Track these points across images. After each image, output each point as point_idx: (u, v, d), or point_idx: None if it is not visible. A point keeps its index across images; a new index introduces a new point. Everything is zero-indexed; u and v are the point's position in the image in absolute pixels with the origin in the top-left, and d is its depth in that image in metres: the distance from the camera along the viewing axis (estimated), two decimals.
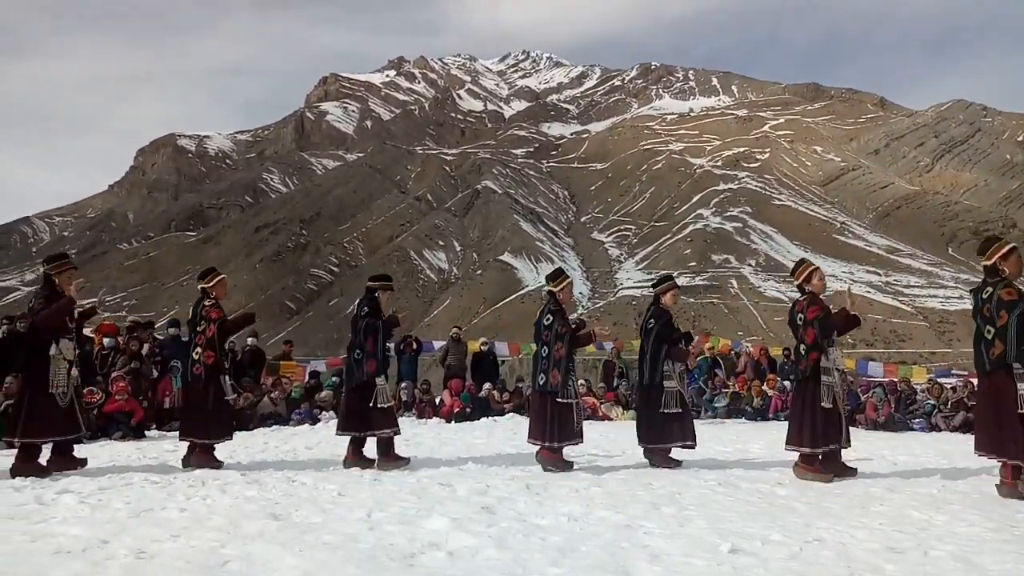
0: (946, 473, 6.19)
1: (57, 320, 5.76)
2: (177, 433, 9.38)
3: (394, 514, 4.24)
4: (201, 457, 6.14)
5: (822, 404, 5.74)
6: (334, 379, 12.65)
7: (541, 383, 6.26)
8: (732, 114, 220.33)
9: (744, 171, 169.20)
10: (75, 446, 6.15)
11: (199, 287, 6.55)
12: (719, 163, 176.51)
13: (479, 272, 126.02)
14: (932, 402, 11.94)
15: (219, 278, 6.57)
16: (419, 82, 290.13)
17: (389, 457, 6.25)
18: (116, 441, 8.53)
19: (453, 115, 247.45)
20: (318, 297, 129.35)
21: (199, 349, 6.30)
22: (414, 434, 9.35)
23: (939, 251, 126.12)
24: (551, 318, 6.29)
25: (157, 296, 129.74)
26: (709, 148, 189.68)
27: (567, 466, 6.16)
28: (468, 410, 11.92)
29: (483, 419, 11.61)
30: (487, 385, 12.82)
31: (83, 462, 5.96)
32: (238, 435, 9.45)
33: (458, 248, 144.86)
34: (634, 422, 12.25)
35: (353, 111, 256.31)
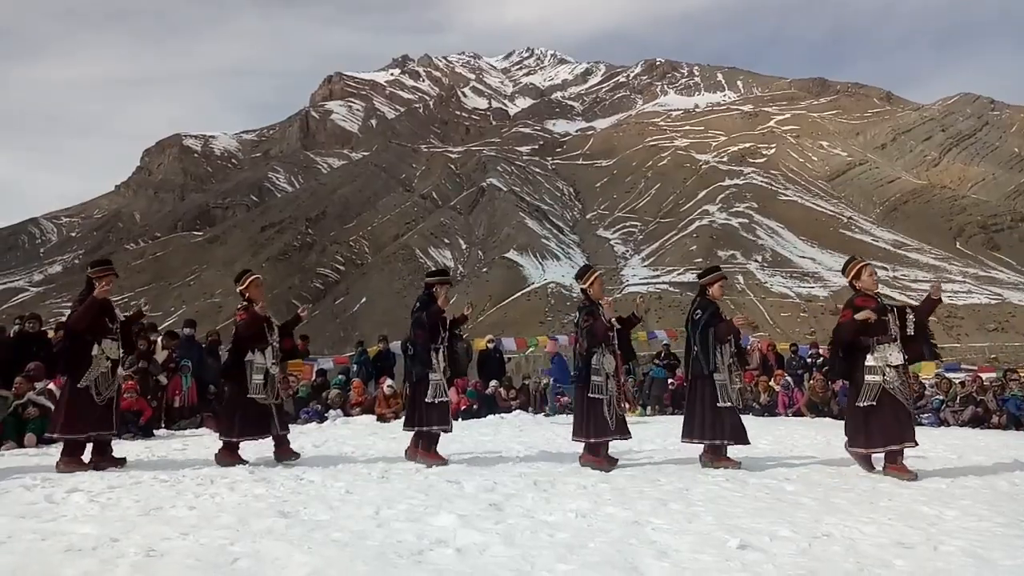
0: (955, 468, 6.17)
1: (86, 320, 5.89)
2: (187, 432, 9.45)
3: (402, 511, 4.24)
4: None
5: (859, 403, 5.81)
6: (340, 377, 12.68)
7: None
8: (737, 110, 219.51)
9: (750, 167, 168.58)
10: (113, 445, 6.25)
11: (237, 291, 6.59)
12: (725, 159, 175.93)
13: (485, 270, 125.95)
14: (940, 397, 11.89)
15: (250, 279, 6.58)
16: (423, 80, 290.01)
17: (430, 454, 6.31)
18: (125, 440, 8.56)
19: (458, 113, 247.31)
20: (324, 296, 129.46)
21: None
22: None
23: (947, 245, 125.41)
24: (576, 316, 6.37)
25: (164, 295, 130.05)
26: (715, 144, 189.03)
27: (606, 464, 6.08)
28: (475, 406, 11.94)
29: (490, 416, 11.63)
30: (494, 383, 12.84)
31: (122, 461, 6.07)
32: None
33: (464, 246, 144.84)
34: (642, 419, 12.28)
35: (358, 110, 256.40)
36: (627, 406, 6.43)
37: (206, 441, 8.40)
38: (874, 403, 5.68)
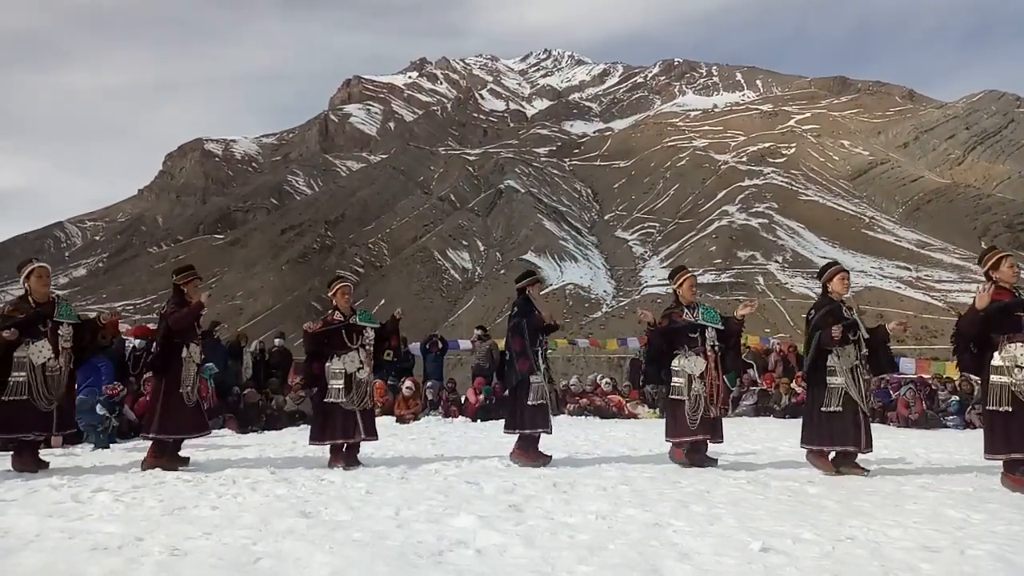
0: (982, 471, 6.07)
1: (188, 322, 6.17)
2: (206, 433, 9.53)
3: (422, 512, 4.26)
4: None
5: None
6: None
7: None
8: (757, 109, 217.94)
9: (770, 166, 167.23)
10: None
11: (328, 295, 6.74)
12: (744, 159, 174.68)
13: (503, 271, 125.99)
14: (956, 399, 11.70)
15: (339, 286, 6.66)
16: (441, 83, 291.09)
17: (528, 454, 6.34)
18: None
19: (475, 115, 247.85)
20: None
21: None
22: (440, 432, 9.39)
23: (972, 245, 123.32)
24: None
25: None
26: (734, 144, 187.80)
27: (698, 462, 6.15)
28: (489, 403, 11.95)
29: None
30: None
31: (186, 460, 6.19)
32: (268, 434, 9.59)
33: (481, 248, 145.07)
34: (661, 421, 12.20)
35: (376, 113, 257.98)
36: (718, 409, 6.30)
37: (228, 442, 8.49)
38: (1009, 408, 5.20)
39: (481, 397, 12.19)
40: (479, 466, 6.21)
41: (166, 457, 6.03)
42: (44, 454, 6.38)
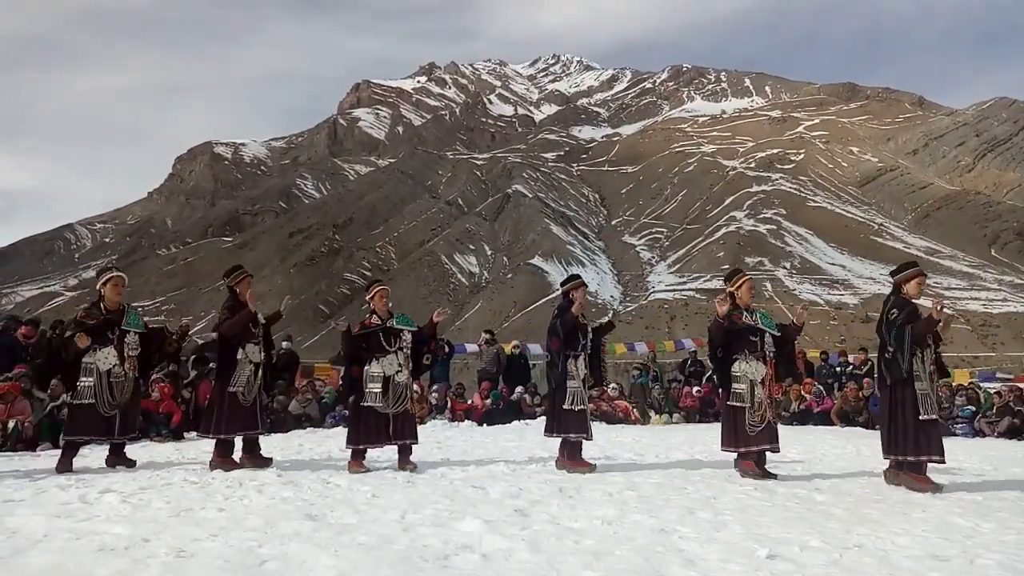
0: (992, 479, 6.02)
1: (238, 328, 6.23)
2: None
3: (428, 516, 4.25)
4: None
5: None
6: None
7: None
8: (766, 115, 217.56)
9: (778, 172, 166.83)
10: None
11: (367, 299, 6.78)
12: (752, 165, 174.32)
13: (510, 276, 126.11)
14: (971, 408, 11.61)
15: (377, 290, 6.67)
16: (450, 87, 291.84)
17: (575, 461, 6.29)
18: (156, 442, 8.70)
19: (483, 120, 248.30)
20: (351, 302, 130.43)
21: None
22: (446, 436, 9.38)
23: (981, 252, 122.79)
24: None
25: (195, 300, 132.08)
26: (742, 150, 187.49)
27: (759, 473, 5.89)
28: (495, 407, 11.95)
29: (515, 422, 11.61)
30: (519, 389, 12.83)
31: (269, 461, 6.27)
32: (274, 437, 9.60)
33: (489, 252, 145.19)
34: (667, 426, 12.18)
35: (385, 117, 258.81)
36: (773, 415, 6.12)
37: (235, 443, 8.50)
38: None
39: (488, 401, 12.19)
40: (485, 470, 6.20)
41: (229, 456, 6.16)
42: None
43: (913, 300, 5.84)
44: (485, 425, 11.28)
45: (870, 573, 3.26)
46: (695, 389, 13.72)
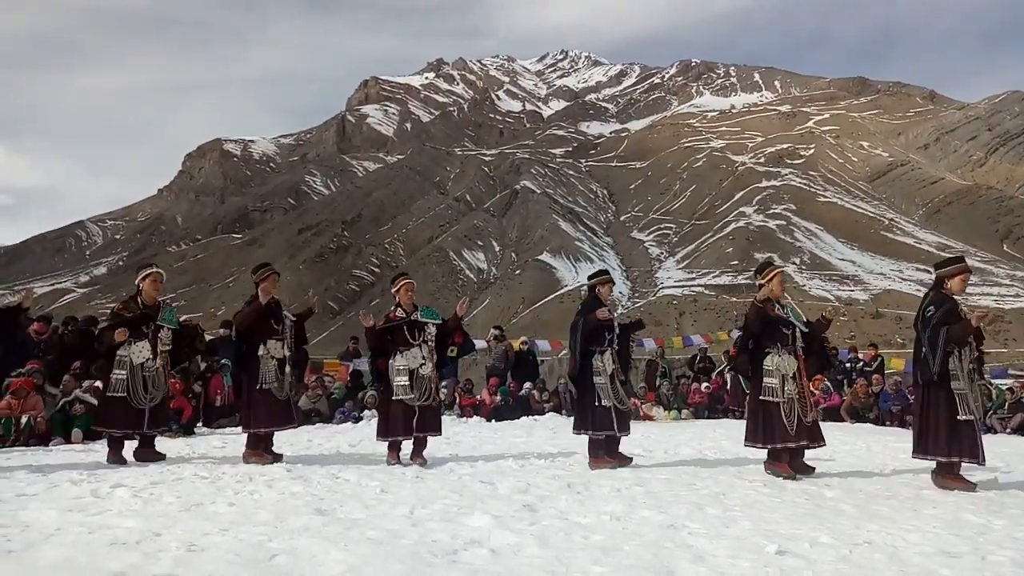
0: (1004, 476, 5.98)
1: (247, 322, 6.30)
2: (226, 430, 9.63)
3: (436, 511, 4.26)
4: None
5: None
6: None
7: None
8: (775, 110, 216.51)
9: (788, 168, 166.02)
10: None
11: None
12: (762, 160, 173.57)
13: (518, 272, 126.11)
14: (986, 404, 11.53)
15: (403, 283, 6.63)
16: (458, 84, 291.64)
17: (600, 459, 6.30)
18: (167, 438, 8.75)
19: (492, 116, 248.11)
20: (360, 298, 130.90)
21: None
22: (455, 432, 9.39)
23: (993, 247, 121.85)
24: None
25: (205, 296, 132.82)
26: (751, 145, 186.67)
27: (790, 472, 5.71)
28: (504, 403, 11.96)
29: (523, 418, 11.63)
30: (527, 385, 12.83)
31: (279, 457, 6.33)
32: (283, 432, 9.64)
33: (497, 248, 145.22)
34: (676, 423, 12.16)
35: (393, 113, 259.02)
36: (814, 412, 6.00)
37: (244, 439, 8.55)
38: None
39: (497, 398, 12.20)
40: (493, 466, 6.21)
41: (260, 450, 6.24)
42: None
43: (955, 296, 5.63)
44: (494, 421, 11.29)
45: (880, 569, 3.24)
46: (704, 385, 13.70)
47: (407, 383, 6.30)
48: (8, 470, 5.49)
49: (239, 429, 9.73)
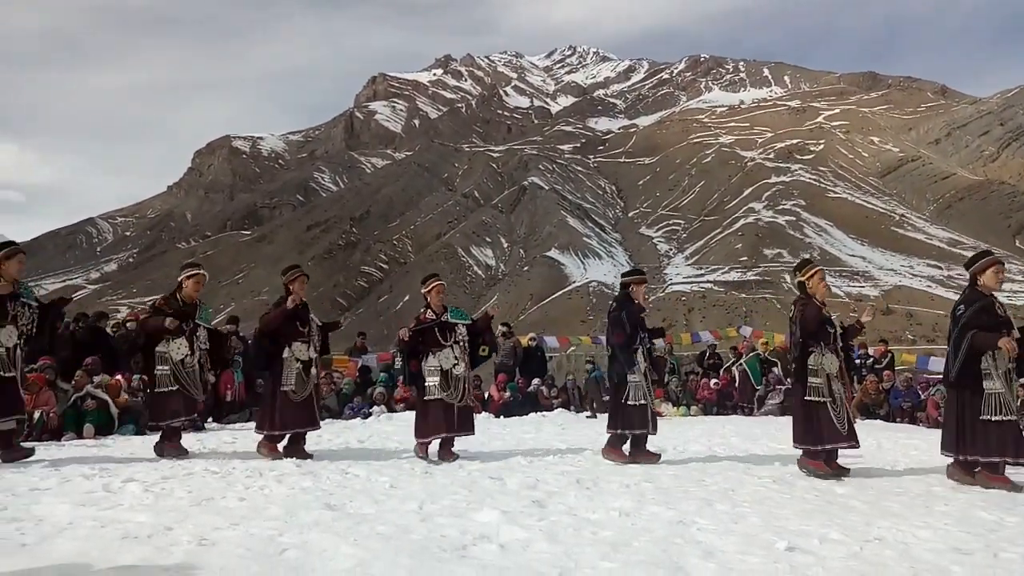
0: (1016, 473, 5.93)
1: (274, 324, 6.34)
2: (236, 426, 9.67)
3: (445, 507, 4.27)
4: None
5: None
6: (384, 375, 12.83)
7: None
8: (784, 105, 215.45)
9: (797, 163, 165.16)
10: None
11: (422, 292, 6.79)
12: (771, 155, 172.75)
13: (526, 268, 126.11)
14: None
15: (434, 284, 6.69)
16: (466, 80, 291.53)
17: (641, 452, 6.33)
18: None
19: (500, 112, 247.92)
20: (368, 294, 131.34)
21: None
22: None
23: (1006, 243, 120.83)
24: (792, 309, 5.98)
25: (214, 293, 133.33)
26: (760, 140, 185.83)
27: (834, 471, 5.64)
28: (513, 400, 11.97)
29: (532, 414, 11.63)
30: (536, 381, 12.83)
31: (310, 455, 6.33)
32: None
33: (505, 244, 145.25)
34: (685, 419, 12.13)
35: (401, 110, 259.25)
36: (852, 411, 5.92)
37: (254, 435, 8.59)
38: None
39: (506, 394, 12.21)
40: (502, 462, 6.22)
41: (274, 446, 6.29)
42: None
43: (992, 292, 5.47)
44: (502, 417, 11.30)
45: (891, 566, 3.23)
46: (712, 382, 13.66)
47: (439, 382, 6.33)
48: (22, 464, 5.53)
49: (249, 424, 9.81)
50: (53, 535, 3.42)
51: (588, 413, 12.00)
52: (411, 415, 10.94)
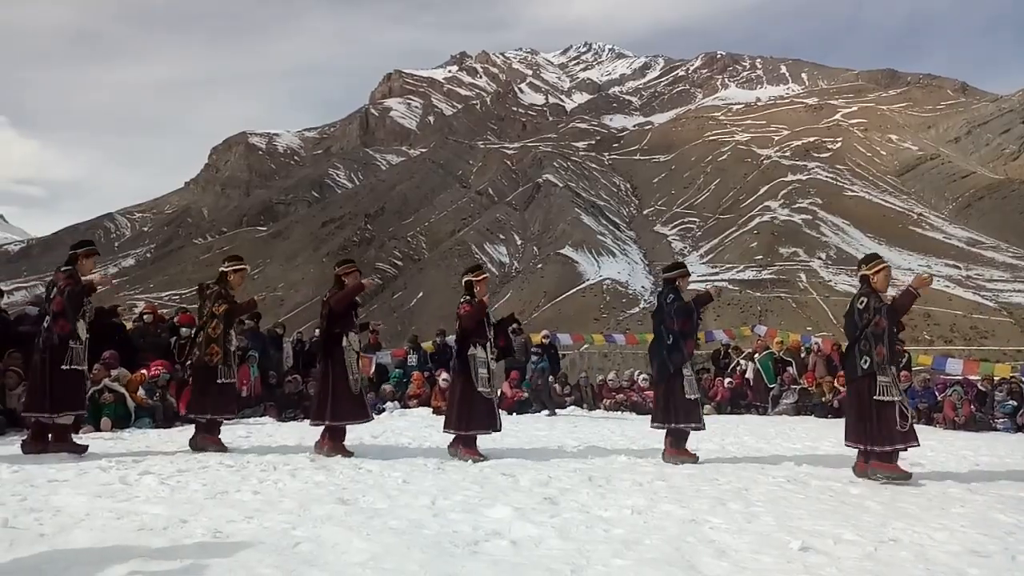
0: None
1: (348, 301, 6.35)
2: (251, 420, 9.74)
3: (458, 502, 4.28)
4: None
5: None
6: (398, 371, 12.88)
7: (865, 366, 5.59)
8: (802, 103, 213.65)
9: (814, 161, 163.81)
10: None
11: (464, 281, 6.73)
12: (788, 153, 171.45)
13: (540, 266, 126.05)
14: (1013, 403, 11.31)
15: (483, 276, 6.65)
16: (481, 77, 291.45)
17: (679, 450, 6.25)
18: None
19: (514, 109, 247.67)
20: (382, 290, 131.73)
21: None
22: None
23: None
24: (865, 300, 5.67)
25: None
26: (777, 138, 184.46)
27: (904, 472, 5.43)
28: (525, 395, 11.97)
29: (544, 411, 11.63)
30: (549, 378, 12.82)
31: (351, 453, 6.25)
32: (307, 422, 9.73)
33: (519, 242, 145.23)
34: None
35: (416, 107, 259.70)
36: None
37: (268, 429, 8.65)
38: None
39: (519, 391, 12.21)
40: (514, 459, 6.22)
41: (339, 442, 6.22)
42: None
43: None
44: (515, 414, 11.30)
45: (906, 568, 3.20)
46: (726, 380, 13.60)
47: (487, 375, 6.26)
48: (40, 456, 5.60)
49: (263, 419, 9.89)
50: (71, 526, 3.46)
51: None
52: (424, 411, 11.02)
